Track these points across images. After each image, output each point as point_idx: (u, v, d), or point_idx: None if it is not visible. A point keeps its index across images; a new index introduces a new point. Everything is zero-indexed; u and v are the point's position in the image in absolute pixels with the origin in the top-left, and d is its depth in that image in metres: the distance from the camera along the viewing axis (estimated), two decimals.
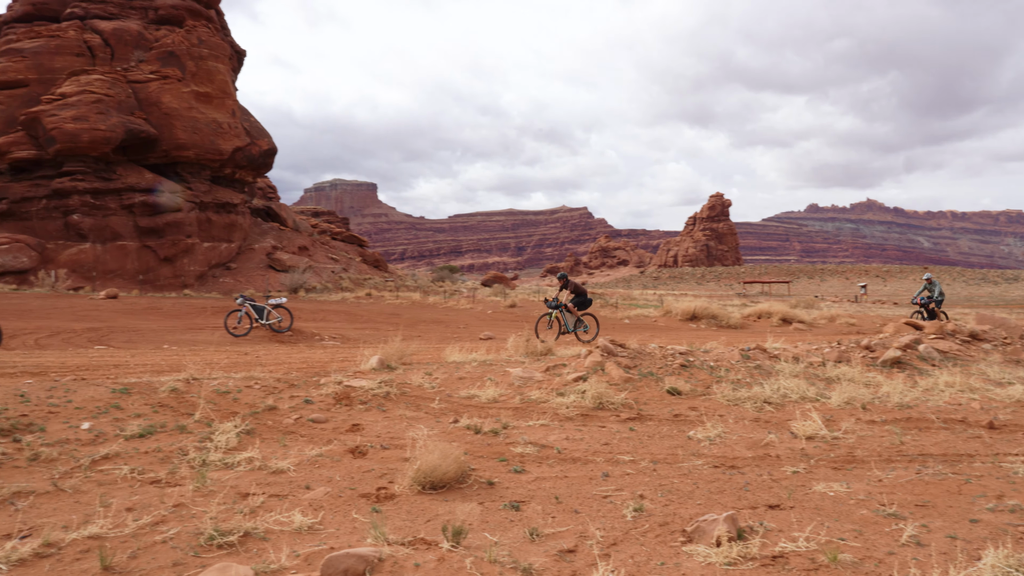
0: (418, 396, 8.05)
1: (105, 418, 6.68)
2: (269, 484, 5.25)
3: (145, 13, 50.31)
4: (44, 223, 41.14)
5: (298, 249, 50.99)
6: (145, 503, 4.83)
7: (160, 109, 44.28)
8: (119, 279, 40.32)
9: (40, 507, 4.77)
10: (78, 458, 5.70)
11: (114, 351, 14.87)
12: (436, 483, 5.13)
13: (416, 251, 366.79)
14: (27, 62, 44.62)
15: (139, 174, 43.67)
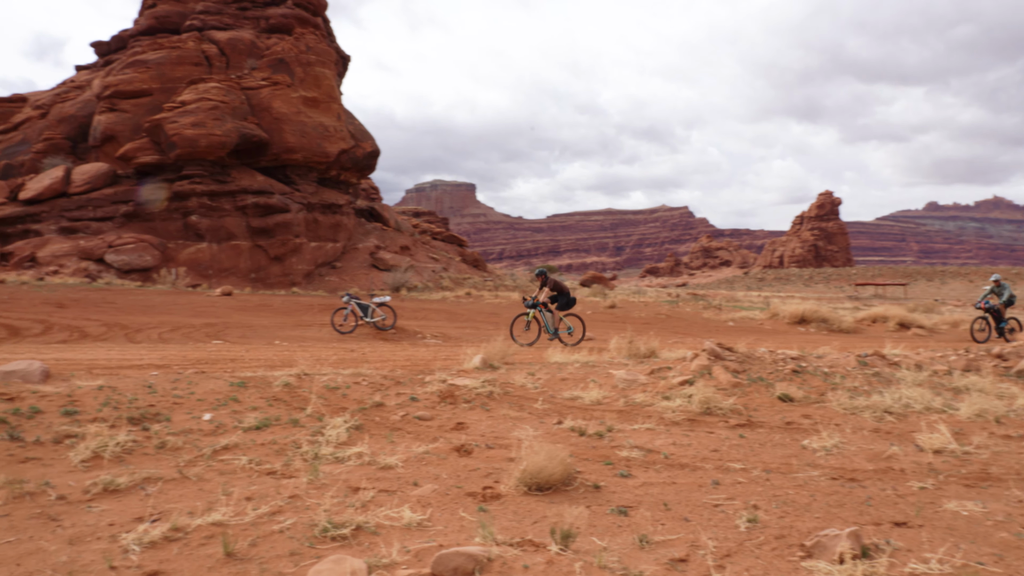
0: (521, 396, 8.06)
1: (224, 410, 6.96)
2: (378, 479, 5.35)
3: (257, 23, 52.38)
4: (165, 224, 43.37)
5: (400, 249, 52.04)
6: (263, 493, 5.00)
7: (271, 114, 45.99)
8: (233, 277, 42.13)
9: (167, 493, 5.00)
10: (200, 447, 5.95)
11: (230, 346, 15.52)
12: (542, 485, 5.11)
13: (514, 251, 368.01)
14: (151, 72, 47.13)
15: (251, 177, 45.50)
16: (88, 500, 4.82)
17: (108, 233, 41.80)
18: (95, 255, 39.44)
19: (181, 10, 52.81)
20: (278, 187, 45.64)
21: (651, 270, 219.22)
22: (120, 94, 46.39)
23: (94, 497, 4.87)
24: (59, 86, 57.31)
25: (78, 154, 48.34)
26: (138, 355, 12.59)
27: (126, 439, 5.85)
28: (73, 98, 51.60)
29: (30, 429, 5.95)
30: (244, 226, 43.97)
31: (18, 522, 4.43)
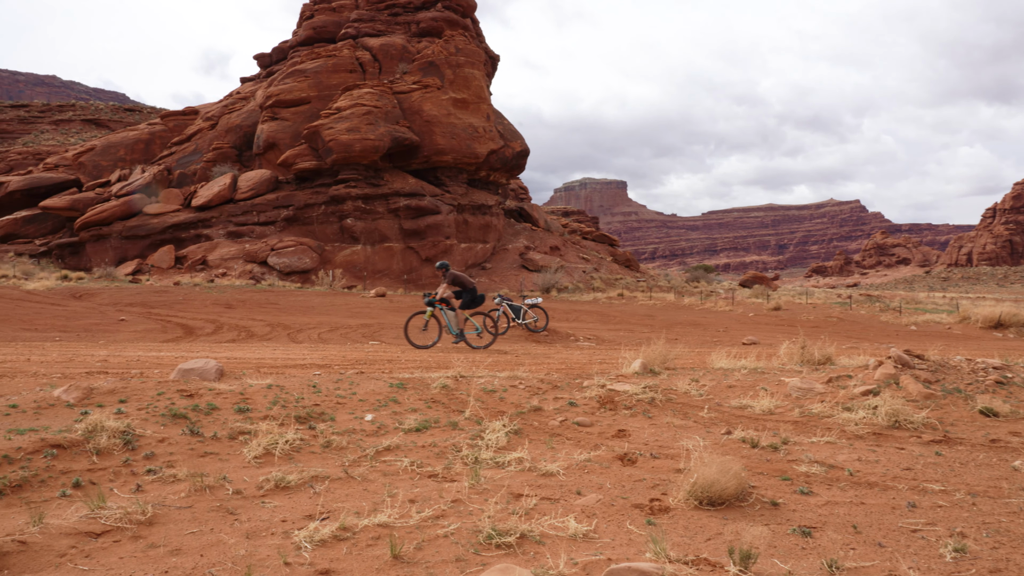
0: (685, 403, 7.72)
1: (385, 411, 7.04)
2: (540, 486, 5.20)
3: (408, 27, 53.90)
4: (323, 227, 45.33)
5: (550, 249, 52.17)
6: (425, 496, 4.96)
7: (422, 117, 47.16)
8: (386, 278, 43.53)
9: (334, 492, 5.06)
10: (364, 448, 6.02)
11: (386, 347, 15.92)
12: (714, 499, 4.81)
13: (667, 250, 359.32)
14: (309, 81, 49.43)
15: (403, 180, 46.83)
16: (262, 496, 4.94)
17: (271, 237, 44.19)
18: (259, 258, 41.78)
19: (337, 19, 55.13)
20: (429, 189, 46.77)
21: (818, 269, 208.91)
22: (280, 103, 48.94)
23: (267, 493, 4.99)
24: (226, 98, 61.21)
25: (243, 162, 51.43)
26: (301, 355, 13.09)
27: (294, 437, 6.00)
28: (239, 109, 54.97)
29: (208, 425, 6.21)
30: (396, 228, 45.33)
31: (200, 514, 4.58)
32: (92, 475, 5.17)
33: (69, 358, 11.89)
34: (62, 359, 11.73)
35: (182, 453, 5.66)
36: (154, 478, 5.20)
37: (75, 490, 4.94)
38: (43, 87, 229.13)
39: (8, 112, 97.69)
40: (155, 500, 4.74)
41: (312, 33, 54.79)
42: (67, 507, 4.60)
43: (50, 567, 3.84)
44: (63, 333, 17.79)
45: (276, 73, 54.33)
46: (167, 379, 7.77)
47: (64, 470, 5.18)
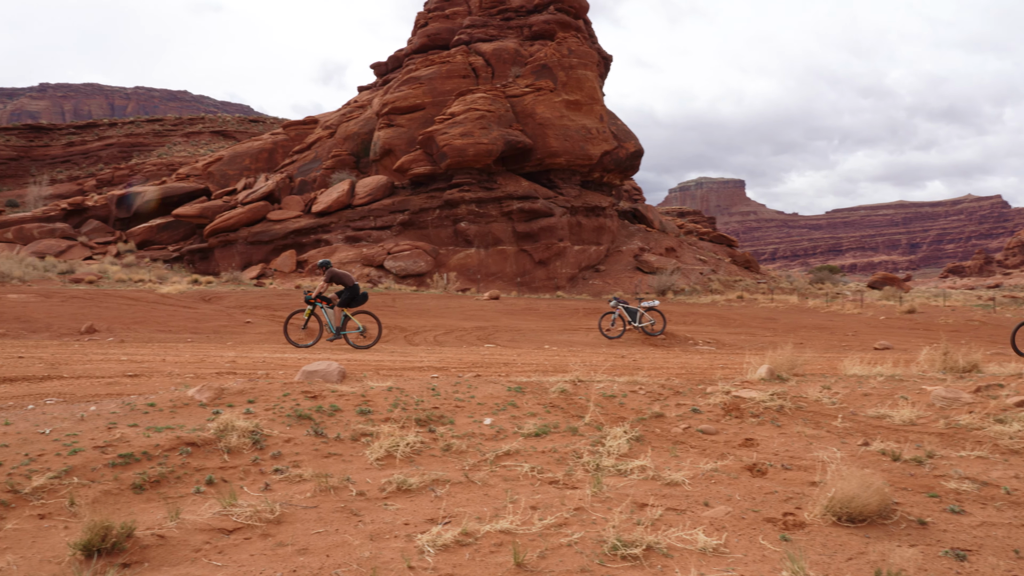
0: (816, 412, 7.33)
1: (503, 415, 6.99)
2: (665, 496, 5.02)
3: (521, 31, 54.17)
4: (437, 231, 46.09)
5: (665, 250, 51.33)
6: (547, 503, 4.86)
7: (534, 120, 47.26)
8: (499, 281, 43.85)
9: (455, 496, 5.02)
10: (483, 452, 5.98)
11: (501, 350, 15.96)
12: (853, 515, 4.50)
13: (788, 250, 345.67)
14: (423, 88, 50.40)
15: (516, 183, 47.06)
16: (384, 498, 4.95)
17: (387, 241, 45.27)
18: (376, 262, 42.87)
19: (450, 26, 56.03)
20: (542, 191, 46.84)
21: (954, 269, 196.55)
22: (396, 110, 50.10)
23: (389, 495, 5.00)
24: (344, 107, 63.15)
25: (361, 168, 52.93)
26: (418, 357, 13.26)
27: (415, 440, 6.01)
28: (356, 117, 56.64)
29: (331, 426, 6.31)
30: (510, 231, 45.61)
31: (325, 514, 4.63)
32: (223, 473, 5.32)
33: (200, 359, 12.44)
34: (194, 360, 12.28)
35: (307, 453, 5.76)
36: (281, 477, 5.30)
37: (208, 487, 5.10)
38: (175, 102, 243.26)
39: (144, 126, 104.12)
40: (282, 499, 4.82)
41: (426, 40, 55.88)
42: (201, 503, 4.74)
43: (186, 561, 3.95)
44: (194, 335, 18.67)
45: (392, 81, 55.66)
46: (292, 380, 7.98)
47: (198, 467, 5.35)
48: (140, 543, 4.05)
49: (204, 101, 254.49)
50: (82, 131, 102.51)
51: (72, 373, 10.33)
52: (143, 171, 79.56)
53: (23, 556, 3.96)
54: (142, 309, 23.34)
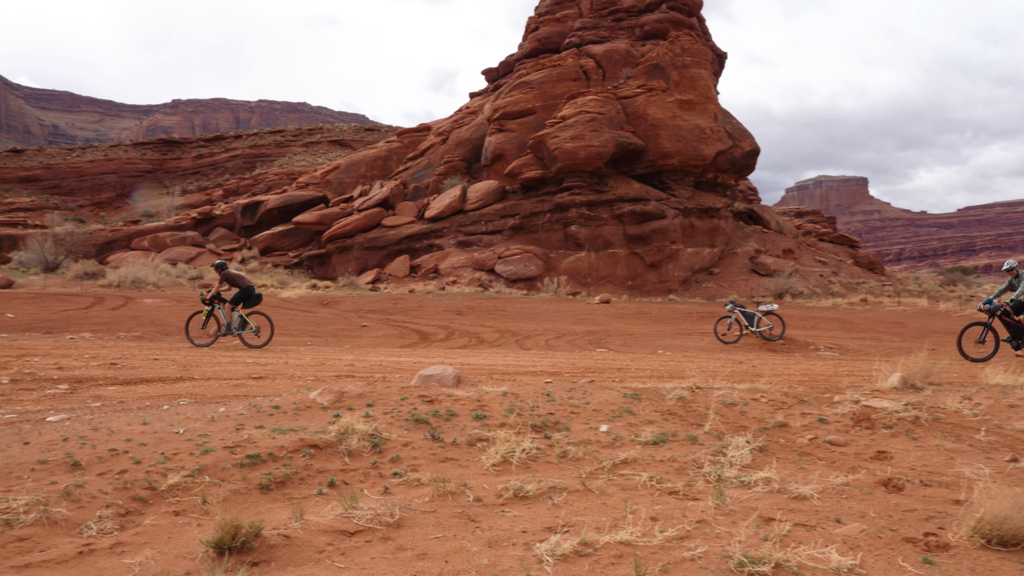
0: (956, 424, 6.86)
1: (619, 422, 6.85)
2: (792, 511, 4.78)
3: (632, 31, 53.65)
4: (548, 235, 46.15)
5: (782, 252, 49.71)
6: (667, 514, 4.71)
7: (646, 121, 46.67)
8: (610, 285, 43.52)
9: (572, 504, 4.94)
10: (600, 460, 5.87)
11: (614, 354, 15.78)
12: (1005, 538, 4.16)
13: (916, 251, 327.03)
14: (534, 92, 50.61)
15: (627, 185, 46.61)
16: (501, 504, 4.92)
17: (498, 245, 45.68)
18: (487, 266, 43.32)
19: (561, 29, 56.09)
20: (654, 193, 46.24)
21: None
22: (507, 115, 50.50)
23: (506, 502, 4.96)
24: (456, 113, 64.20)
25: (472, 173, 53.65)
26: (530, 362, 13.26)
27: (530, 446, 5.96)
28: (468, 123, 57.45)
29: (447, 431, 6.34)
30: (621, 234, 45.22)
31: (443, 519, 4.63)
32: (344, 475, 5.42)
33: (320, 362, 12.82)
34: (314, 363, 12.67)
35: (424, 458, 5.80)
36: (399, 481, 5.35)
37: (330, 489, 5.20)
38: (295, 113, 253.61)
39: (267, 137, 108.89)
40: (401, 503, 4.86)
41: (537, 45, 56.14)
42: (323, 505, 4.83)
43: (310, 562, 4.02)
44: (313, 338, 19.31)
45: (502, 86, 56.19)
46: (408, 384, 8.09)
47: (320, 469, 5.47)
48: (267, 542, 4.15)
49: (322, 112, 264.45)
50: (210, 144, 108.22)
51: (202, 375, 10.83)
52: (265, 181, 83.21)
53: (160, 551, 4.12)
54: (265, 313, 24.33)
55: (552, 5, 58.18)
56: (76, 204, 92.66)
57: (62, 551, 4.08)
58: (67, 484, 4.79)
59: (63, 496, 4.65)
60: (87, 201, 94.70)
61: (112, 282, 35.62)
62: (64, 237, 52.99)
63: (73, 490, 4.74)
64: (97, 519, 4.47)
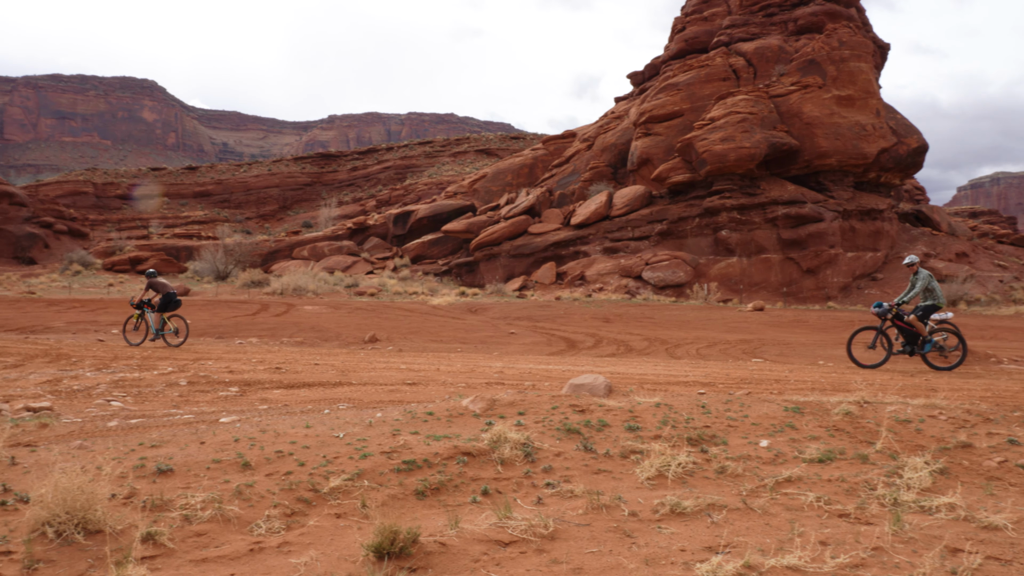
0: None
1: (781, 437, 6.52)
2: (983, 542, 4.36)
3: (785, 26, 51.65)
4: (696, 240, 45.08)
5: (955, 256, 46.28)
6: (838, 539, 4.41)
7: (801, 119, 44.73)
8: (763, 291, 41.97)
9: (733, 523, 4.71)
10: (761, 477, 5.58)
11: (771, 365, 15.13)
12: None
13: None
14: (681, 94, 49.62)
15: (781, 187, 44.83)
16: (657, 520, 4.76)
17: (645, 251, 45.08)
18: (634, 272, 42.83)
19: (708, 28, 54.79)
20: (810, 195, 44.24)
21: None
22: (653, 119, 49.79)
23: (662, 517, 4.80)
24: (601, 118, 64.00)
25: (618, 179, 53.25)
26: (682, 371, 12.92)
27: (686, 460, 5.76)
28: (613, 128, 57.12)
29: (600, 441, 6.23)
30: (774, 238, 43.57)
31: (598, 533, 4.53)
32: (497, 484, 5.41)
33: (471, 368, 13.01)
34: (465, 369, 12.87)
35: (577, 469, 5.71)
36: (552, 492, 5.29)
37: (484, 497, 5.20)
38: (443, 124, 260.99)
39: (416, 149, 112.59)
40: (555, 514, 4.79)
41: (684, 46, 55.14)
42: (478, 513, 4.83)
43: (466, 571, 4.02)
44: (463, 344, 19.66)
45: (648, 89, 55.53)
46: (559, 393, 8.03)
47: (473, 477, 5.49)
48: (424, 549, 4.19)
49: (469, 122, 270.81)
50: (364, 156, 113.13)
51: (359, 380, 11.21)
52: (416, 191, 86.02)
53: (323, 552, 4.23)
54: (416, 320, 25.04)
55: (699, 4, 56.93)
56: (243, 216, 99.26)
57: (235, 547, 4.27)
58: (238, 483, 5.03)
59: (235, 495, 4.88)
60: (253, 213, 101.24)
61: (275, 290, 37.79)
62: (233, 248, 56.82)
63: (244, 489, 4.96)
64: (266, 518, 4.66)
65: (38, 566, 3.90)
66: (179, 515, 4.55)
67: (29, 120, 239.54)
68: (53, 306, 28.16)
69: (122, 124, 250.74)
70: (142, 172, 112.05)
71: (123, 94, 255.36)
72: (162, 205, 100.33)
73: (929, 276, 14.44)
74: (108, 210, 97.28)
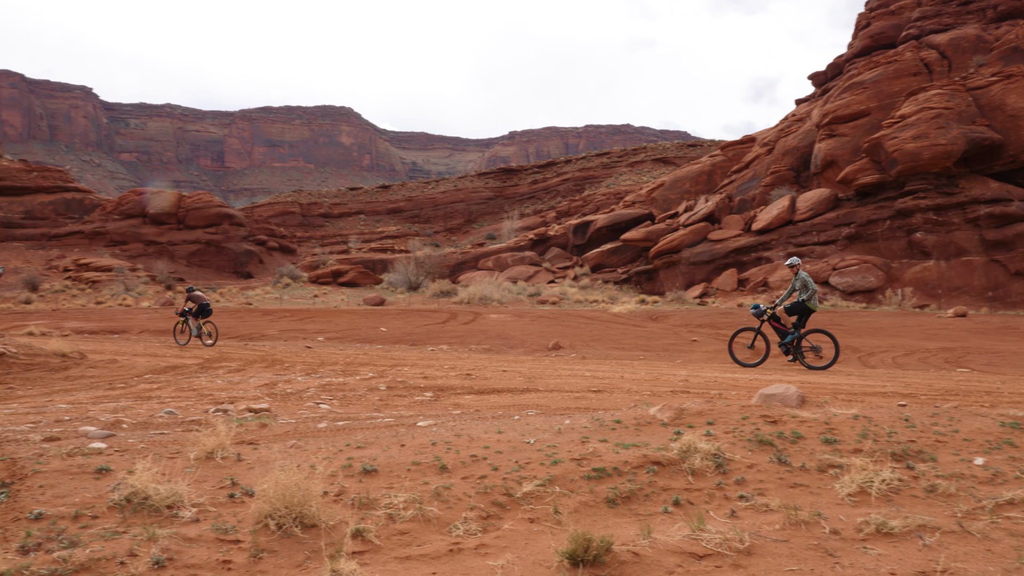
0: None
1: (998, 455, 6.01)
2: None
3: (982, 14, 47.68)
4: (888, 243, 42.30)
5: None
6: None
7: (1004, 112, 40.98)
8: (964, 296, 38.72)
9: (948, 547, 4.42)
10: (978, 498, 5.19)
11: (979, 376, 13.98)
12: None
13: None
14: (867, 92, 46.87)
15: (982, 184, 41.23)
16: (862, 540, 4.55)
17: (831, 256, 42.86)
18: (819, 278, 40.79)
19: (896, 22, 51.51)
20: (1016, 192, 40.39)
21: None
22: (838, 119, 47.36)
23: (867, 537, 4.58)
24: (781, 122, 61.53)
25: (801, 183, 50.98)
26: (878, 381, 12.20)
27: (891, 477, 5.45)
28: (794, 131, 54.77)
29: (794, 454, 6.01)
30: (976, 239, 40.12)
31: (797, 551, 4.39)
32: (688, 495, 5.35)
33: (655, 377, 12.92)
34: (648, 377, 12.79)
35: (771, 482, 5.55)
36: (746, 505, 5.17)
37: (675, 508, 5.16)
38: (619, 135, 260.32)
39: (594, 160, 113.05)
40: (750, 529, 4.68)
41: (869, 42, 52.22)
42: (670, 524, 4.80)
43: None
44: (644, 352, 19.52)
45: (831, 90, 53.00)
46: (748, 403, 7.82)
47: (664, 487, 5.46)
48: (617, 558, 4.22)
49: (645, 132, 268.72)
50: (543, 170, 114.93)
51: (545, 387, 11.43)
52: (594, 201, 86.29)
53: (519, 556, 4.37)
54: (598, 328, 25.13)
55: None
56: (432, 230, 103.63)
57: (435, 547, 4.50)
58: (437, 485, 5.28)
59: (434, 496, 5.13)
60: (441, 227, 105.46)
61: (463, 299, 39.20)
62: (423, 260, 59.50)
63: (442, 491, 5.21)
64: (463, 520, 4.86)
65: (263, 555, 4.27)
66: (384, 513, 4.83)
67: (245, 149, 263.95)
68: (267, 316, 30.70)
69: (323, 149, 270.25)
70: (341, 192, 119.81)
71: (324, 121, 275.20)
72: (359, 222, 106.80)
73: (806, 277, 15.15)
74: (312, 227, 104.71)
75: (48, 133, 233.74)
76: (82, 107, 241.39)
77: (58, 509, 4.60)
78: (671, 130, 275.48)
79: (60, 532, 4.32)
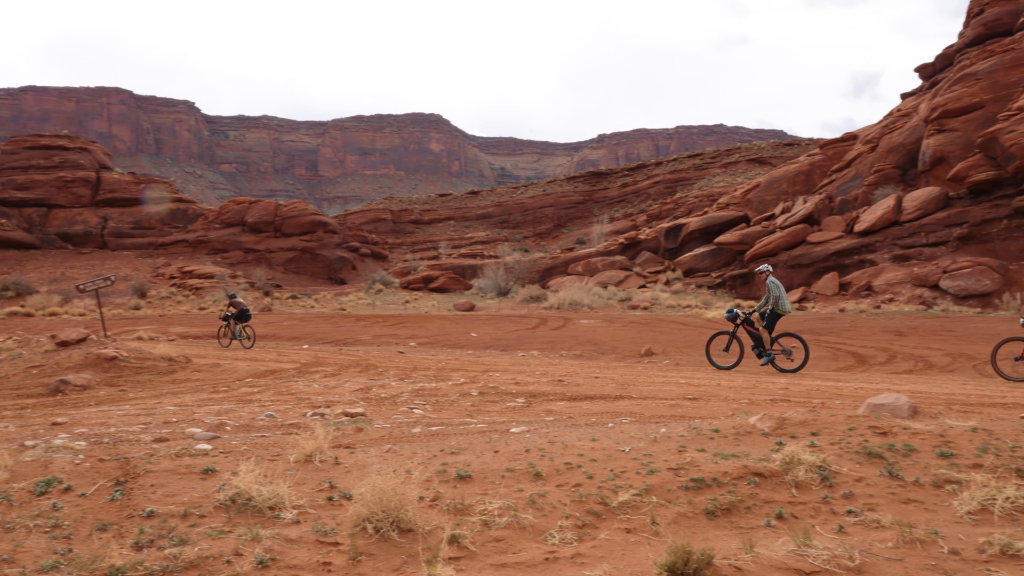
0: None
1: None
2: None
3: None
4: (1006, 244, 40.10)
5: None
6: None
7: None
8: None
9: None
10: None
11: None
12: None
13: None
14: (980, 84, 44.59)
15: None
16: (984, 561, 4.25)
17: (942, 258, 40.89)
18: (929, 281, 38.97)
19: (1013, 8, 48.80)
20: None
21: None
22: (948, 113, 45.24)
23: (991, 559, 4.28)
24: (885, 118, 59.16)
25: (907, 181, 48.88)
26: (998, 391, 11.53)
27: (1015, 495, 5.09)
28: (900, 127, 52.55)
29: (907, 468, 5.70)
30: None
31: (912, 571, 4.15)
32: (792, 508, 5.14)
33: (753, 384, 12.55)
34: (747, 385, 12.43)
35: (882, 496, 5.27)
36: (855, 520, 4.92)
37: (778, 521, 4.96)
38: (712, 136, 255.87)
39: (686, 162, 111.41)
40: (860, 546, 4.45)
41: (983, 30, 49.62)
42: (773, 538, 4.61)
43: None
44: None
45: (941, 82, 50.64)
46: (855, 413, 7.48)
47: (766, 499, 5.25)
48: (718, 572, 4.07)
49: (738, 132, 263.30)
50: (633, 172, 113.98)
51: (639, 394, 11.24)
52: (686, 204, 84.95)
53: (615, 567, 4.27)
54: (691, 333, 24.64)
55: None
56: (521, 235, 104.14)
57: (530, 555, 4.43)
58: (531, 493, 5.22)
59: (528, 504, 5.07)
60: (530, 232, 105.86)
61: (552, 304, 39.14)
62: (512, 265, 59.76)
63: (537, 499, 5.14)
64: (558, 528, 4.78)
65: (361, 558, 4.30)
66: (479, 520, 4.80)
67: (337, 158, 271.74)
68: (360, 321, 31.38)
69: (413, 156, 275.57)
70: (431, 198, 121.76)
71: (413, 129, 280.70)
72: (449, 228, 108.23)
73: (776, 284, 15.35)
74: (403, 234, 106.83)
75: (154, 146, 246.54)
76: (185, 121, 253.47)
77: (168, 507, 4.76)
78: (766, 129, 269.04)
79: (170, 530, 4.46)
